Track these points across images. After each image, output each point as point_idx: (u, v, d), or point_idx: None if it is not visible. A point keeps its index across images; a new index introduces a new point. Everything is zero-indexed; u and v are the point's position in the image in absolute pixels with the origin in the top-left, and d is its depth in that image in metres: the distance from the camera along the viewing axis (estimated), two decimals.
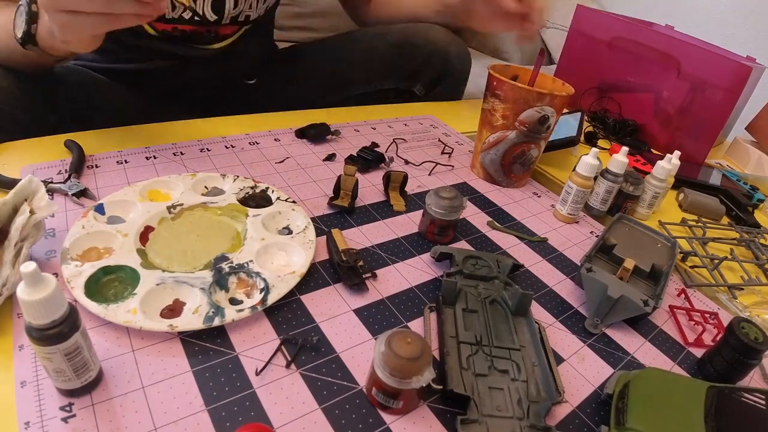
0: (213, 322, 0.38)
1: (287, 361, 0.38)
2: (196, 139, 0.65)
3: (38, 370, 0.34)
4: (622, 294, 0.47)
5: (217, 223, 0.50)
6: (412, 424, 0.35)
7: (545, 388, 0.39)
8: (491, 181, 0.70)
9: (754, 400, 0.36)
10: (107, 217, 0.47)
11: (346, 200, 0.56)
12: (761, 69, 0.94)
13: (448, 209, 0.52)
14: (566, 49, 1.10)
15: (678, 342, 0.48)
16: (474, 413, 0.35)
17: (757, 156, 1.00)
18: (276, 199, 0.54)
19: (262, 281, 0.43)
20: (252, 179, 0.56)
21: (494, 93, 0.64)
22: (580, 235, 0.62)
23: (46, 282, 0.27)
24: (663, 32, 1.00)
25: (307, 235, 0.49)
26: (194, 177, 0.55)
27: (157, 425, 0.32)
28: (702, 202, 0.76)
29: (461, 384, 0.37)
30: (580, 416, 0.38)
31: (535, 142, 0.65)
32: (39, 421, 0.31)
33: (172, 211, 0.50)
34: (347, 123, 0.79)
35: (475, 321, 0.44)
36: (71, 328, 0.29)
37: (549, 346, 0.43)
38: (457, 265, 0.48)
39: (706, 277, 0.60)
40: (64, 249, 0.42)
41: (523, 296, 0.44)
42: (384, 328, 0.42)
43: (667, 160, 0.67)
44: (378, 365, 0.34)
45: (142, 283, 0.40)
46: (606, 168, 0.65)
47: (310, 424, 0.34)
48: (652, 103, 0.99)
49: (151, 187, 0.52)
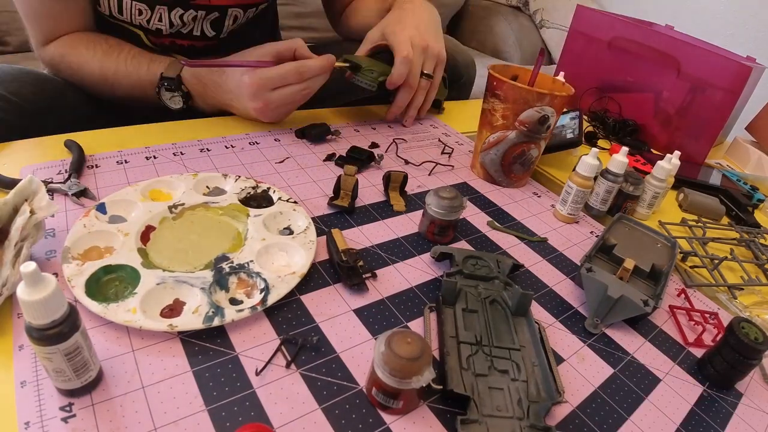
0: (213, 322, 0.38)
1: (287, 361, 0.38)
2: (196, 139, 0.65)
3: (38, 370, 0.34)
4: (622, 294, 0.47)
5: (218, 223, 0.50)
6: (412, 424, 0.35)
7: (545, 388, 0.39)
8: (491, 181, 0.70)
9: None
10: (109, 216, 0.47)
11: (346, 200, 0.56)
12: (761, 69, 0.94)
13: (448, 209, 0.52)
14: (566, 49, 1.10)
15: (678, 342, 0.48)
16: (474, 413, 0.35)
17: (757, 156, 1.00)
18: (277, 199, 0.54)
19: (262, 281, 0.43)
20: (253, 179, 0.56)
21: (494, 93, 0.64)
22: (580, 235, 0.62)
23: (46, 282, 0.27)
24: (663, 32, 1.00)
25: (307, 235, 0.49)
26: (196, 177, 0.55)
27: (157, 425, 0.32)
28: (702, 202, 0.76)
29: (461, 384, 0.37)
30: (580, 416, 0.38)
31: (535, 142, 0.65)
32: (39, 421, 0.31)
33: (174, 210, 0.50)
34: (347, 123, 0.79)
35: (475, 321, 0.44)
36: (71, 328, 0.29)
37: (549, 346, 0.43)
38: (457, 265, 0.48)
39: (706, 277, 0.60)
40: (65, 248, 0.42)
41: (523, 296, 0.44)
42: (384, 328, 0.42)
43: (667, 160, 0.67)
44: (378, 365, 0.34)
45: (142, 283, 0.40)
46: (606, 168, 0.65)
47: (310, 424, 0.34)
48: (652, 103, 0.99)
49: (153, 187, 0.52)
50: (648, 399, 0.41)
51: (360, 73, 0.72)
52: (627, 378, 0.43)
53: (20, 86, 0.62)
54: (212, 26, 0.78)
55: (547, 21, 2.15)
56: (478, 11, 2.27)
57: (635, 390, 0.42)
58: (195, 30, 0.76)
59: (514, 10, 2.24)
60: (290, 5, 1.63)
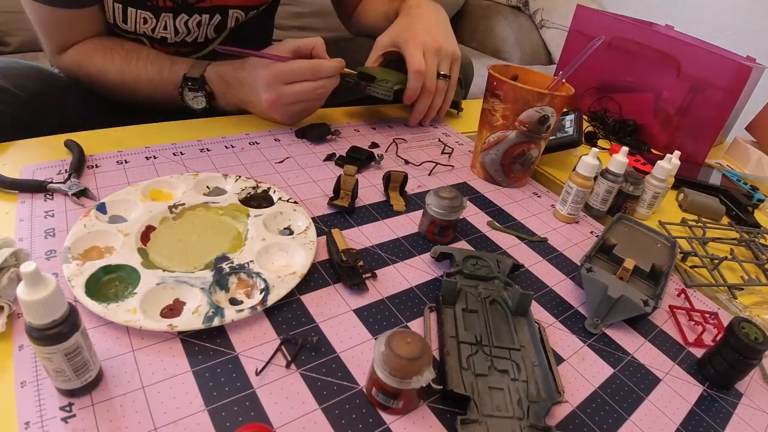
0: (212, 322, 0.38)
1: (287, 361, 0.38)
2: (196, 139, 0.65)
3: (38, 370, 0.34)
4: (622, 294, 0.47)
5: (218, 223, 0.50)
6: (412, 424, 0.35)
7: (545, 388, 0.39)
8: (491, 181, 0.70)
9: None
10: (109, 216, 0.47)
11: (346, 200, 0.56)
12: (761, 69, 0.94)
13: (448, 209, 0.52)
14: (566, 49, 1.10)
15: (678, 342, 0.48)
16: (474, 413, 0.35)
17: (757, 156, 1.00)
18: (278, 199, 0.54)
19: (262, 282, 0.43)
20: (254, 179, 0.56)
21: (494, 93, 0.64)
22: (580, 235, 0.62)
23: (46, 282, 0.27)
24: (663, 32, 1.00)
25: (308, 235, 0.49)
26: (196, 177, 0.55)
27: (157, 425, 0.32)
28: (702, 202, 0.76)
29: (461, 384, 0.37)
30: (580, 416, 0.38)
31: (535, 142, 0.65)
32: (39, 421, 0.31)
33: (174, 210, 0.50)
34: (347, 123, 0.79)
35: (475, 321, 0.44)
36: (71, 328, 0.29)
37: (549, 346, 0.43)
38: (457, 265, 0.48)
39: (706, 277, 0.60)
40: (65, 248, 0.42)
41: (523, 296, 0.44)
42: (384, 328, 0.42)
43: (667, 160, 0.67)
44: (378, 365, 0.34)
45: (142, 283, 0.40)
46: (606, 168, 0.65)
47: (310, 424, 0.34)
48: (652, 103, 0.99)
49: (153, 187, 0.52)
50: (648, 399, 0.41)
51: (375, 84, 0.72)
52: (627, 378, 0.43)
53: (26, 81, 0.63)
54: (215, 31, 0.78)
55: (547, 21, 2.15)
56: (478, 11, 2.27)
57: (635, 390, 0.42)
58: (200, 37, 0.77)
59: (514, 10, 2.24)
60: (290, 5, 1.63)
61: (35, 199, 0.49)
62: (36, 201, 0.49)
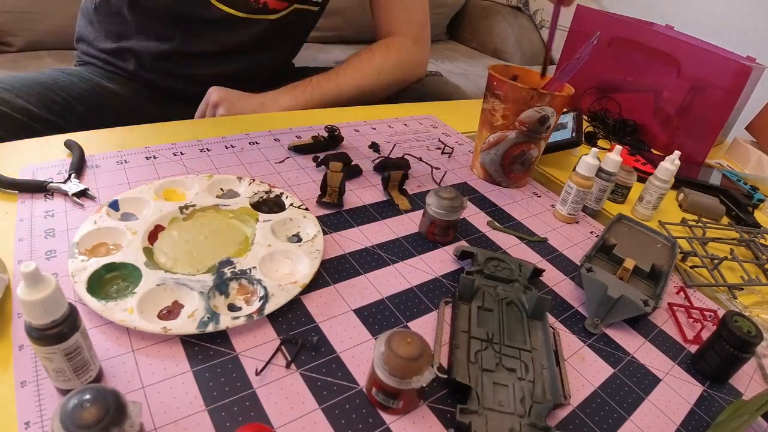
0: (207, 327, 0.37)
1: (287, 361, 0.38)
2: (196, 139, 0.65)
3: (38, 370, 0.34)
4: (622, 294, 0.47)
5: (227, 227, 0.49)
6: (412, 424, 0.35)
7: (552, 392, 0.38)
8: (491, 181, 0.70)
9: None
10: (121, 213, 0.48)
11: (334, 197, 0.57)
12: (761, 69, 0.94)
13: (448, 209, 0.52)
14: (566, 49, 1.10)
15: (678, 342, 0.48)
16: (474, 404, 0.35)
17: (757, 156, 1.00)
18: (289, 205, 0.54)
19: (262, 289, 0.42)
20: (267, 184, 0.56)
21: (494, 93, 0.64)
22: (580, 235, 0.62)
23: (46, 282, 0.27)
24: (663, 32, 1.00)
25: (314, 244, 0.48)
26: (211, 178, 0.54)
27: (157, 425, 0.32)
28: (702, 202, 0.76)
29: (466, 376, 0.37)
30: (580, 416, 0.38)
31: (535, 142, 0.65)
32: (39, 421, 0.31)
33: (184, 211, 0.49)
34: (347, 123, 0.79)
35: (489, 319, 0.44)
36: (71, 328, 0.29)
37: (562, 352, 0.43)
38: (478, 264, 0.49)
39: (706, 277, 0.60)
40: (72, 243, 0.42)
41: (540, 300, 0.44)
42: (384, 328, 0.42)
43: (669, 161, 0.67)
44: (378, 365, 0.34)
45: (143, 283, 0.40)
46: (599, 167, 0.65)
47: (310, 424, 0.34)
48: (652, 103, 0.99)
49: (168, 186, 0.52)
50: (648, 399, 0.41)
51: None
52: (627, 378, 0.43)
53: (29, 96, 0.64)
54: None
55: (547, 21, 2.15)
56: (478, 11, 2.27)
57: (635, 390, 0.42)
58: None
59: (514, 11, 2.25)
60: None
61: (35, 199, 0.49)
62: (36, 201, 0.49)
